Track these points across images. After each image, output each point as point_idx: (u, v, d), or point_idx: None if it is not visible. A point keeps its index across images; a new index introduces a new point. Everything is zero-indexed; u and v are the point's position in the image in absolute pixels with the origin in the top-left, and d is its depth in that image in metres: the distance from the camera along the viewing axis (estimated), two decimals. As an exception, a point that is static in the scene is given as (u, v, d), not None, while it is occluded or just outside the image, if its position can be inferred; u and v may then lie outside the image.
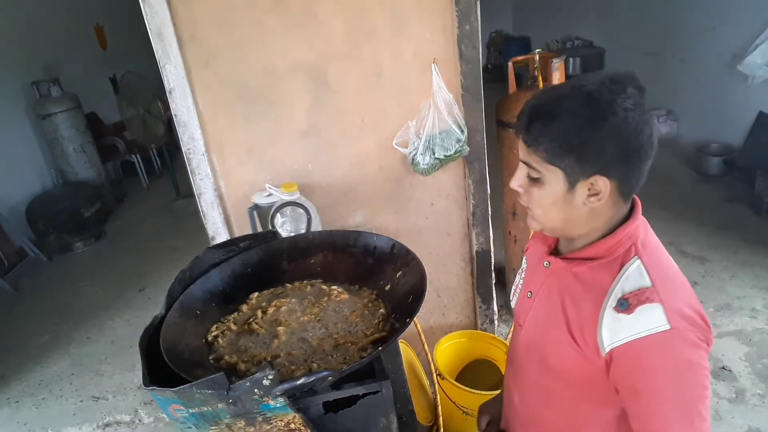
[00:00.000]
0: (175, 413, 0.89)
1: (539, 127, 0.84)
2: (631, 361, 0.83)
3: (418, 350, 2.04)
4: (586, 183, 0.85)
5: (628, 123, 0.80)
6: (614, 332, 0.83)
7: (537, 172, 0.87)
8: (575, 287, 0.91)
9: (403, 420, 1.30)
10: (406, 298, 1.12)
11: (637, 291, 0.83)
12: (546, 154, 0.84)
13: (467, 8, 1.83)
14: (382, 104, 1.94)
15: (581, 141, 0.82)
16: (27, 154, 4.82)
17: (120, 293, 3.75)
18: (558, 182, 0.86)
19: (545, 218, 0.91)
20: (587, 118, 0.81)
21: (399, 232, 2.12)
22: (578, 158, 0.83)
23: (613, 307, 0.84)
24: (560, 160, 0.84)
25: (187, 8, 1.73)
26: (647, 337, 0.81)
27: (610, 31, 6.02)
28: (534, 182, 0.89)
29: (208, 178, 1.93)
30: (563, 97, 0.84)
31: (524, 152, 0.88)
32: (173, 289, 1.16)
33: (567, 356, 0.91)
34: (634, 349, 0.82)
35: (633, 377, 0.84)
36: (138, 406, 2.66)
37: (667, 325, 0.80)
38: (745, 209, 3.72)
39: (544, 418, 1.04)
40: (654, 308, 0.81)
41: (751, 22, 3.85)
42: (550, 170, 0.85)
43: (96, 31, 6.04)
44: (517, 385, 1.10)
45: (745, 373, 2.37)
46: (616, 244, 0.89)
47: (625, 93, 0.81)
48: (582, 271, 0.91)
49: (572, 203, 0.87)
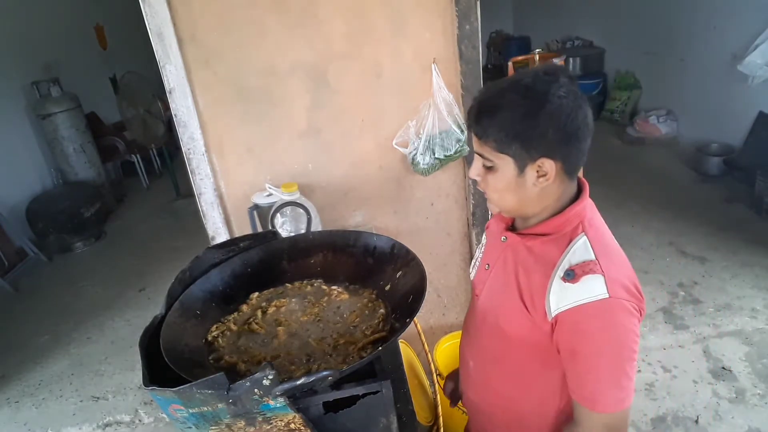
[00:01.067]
0: (175, 413, 0.89)
1: (486, 121, 0.94)
2: (573, 324, 0.93)
3: (418, 350, 2.04)
4: (533, 166, 0.94)
5: (563, 109, 0.90)
6: (560, 299, 0.93)
7: (489, 161, 0.96)
8: (528, 260, 1.02)
9: (403, 420, 1.30)
10: (406, 298, 1.12)
11: (582, 263, 0.94)
12: (495, 143, 0.94)
13: (467, 8, 1.83)
14: (382, 104, 1.94)
15: (524, 129, 0.91)
16: (27, 154, 4.82)
17: (120, 293, 3.75)
18: (509, 168, 0.95)
19: (501, 201, 1.01)
20: (527, 107, 0.90)
21: (399, 232, 2.12)
22: (523, 144, 0.92)
23: (560, 277, 0.94)
24: (508, 147, 0.93)
25: (187, 8, 1.73)
26: (589, 303, 0.91)
27: (610, 31, 6.01)
28: (488, 170, 0.98)
29: (208, 178, 1.93)
30: (504, 91, 0.93)
31: (477, 144, 0.97)
32: (173, 289, 1.16)
33: (518, 322, 1.01)
34: (576, 314, 0.92)
35: (573, 339, 0.94)
36: (138, 406, 2.66)
37: (606, 294, 0.90)
38: (745, 209, 3.72)
39: (496, 381, 1.15)
40: (596, 278, 0.92)
41: (751, 22, 3.85)
42: (500, 158, 0.95)
43: (96, 31, 6.04)
44: (471, 352, 1.22)
45: (745, 373, 2.37)
46: (565, 221, 0.99)
47: (558, 82, 0.91)
48: (534, 245, 1.01)
49: (524, 186, 0.96)
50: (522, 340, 1.03)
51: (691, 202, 3.92)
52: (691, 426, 2.16)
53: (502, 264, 1.08)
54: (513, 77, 0.96)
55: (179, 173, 5.02)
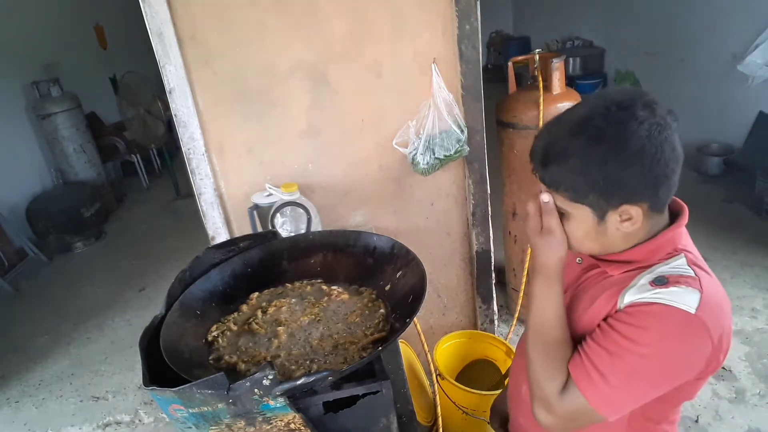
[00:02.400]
0: (175, 413, 0.89)
1: (555, 169, 0.83)
2: (637, 312, 0.80)
3: (418, 350, 2.04)
4: (615, 213, 0.83)
5: (645, 150, 0.78)
6: (638, 294, 0.82)
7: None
8: (609, 285, 0.90)
9: (403, 420, 1.30)
10: (406, 298, 1.12)
11: (679, 275, 0.82)
12: (567, 194, 0.84)
13: (467, 8, 1.83)
14: (382, 104, 1.94)
15: (601, 178, 0.80)
16: (27, 154, 4.82)
17: (120, 293, 3.75)
18: (586, 217, 0.85)
19: (582, 247, 0.91)
20: (601, 154, 0.79)
21: (399, 232, 2.12)
22: (602, 194, 0.81)
23: (649, 281, 0.82)
24: (584, 197, 0.83)
25: (187, 8, 1.73)
26: (668, 305, 0.78)
27: (610, 31, 6.02)
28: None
29: (208, 178, 1.93)
30: (573, 134, 0.81)
31: (546, 190, 0.87)
32: (173, 289, 1.16)
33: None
34: (649, 306, 0.80)
35: (626, 320, 0.81)
36: (138, 406, 2.66)
37: (693, 310, 0.77)
38: (745, 209, 3.72)
39: None
40: (690, 292, 0.79)
41: (751, 22, 3.85)
42: (575, 207, 0.85)
43: (96, 31, 6.04)
44: (525, 375, 1.09)
45: (745, 373, 2.37)
46: (656, 248, 0.87)
47: (636, 118, 0.78)
48: (618, 274, 0.90)
49: (606, 232, 0.86)
50: None
51: (691, 202, 3.84)
52: (691, 426, 2.15)
53: (577, 287, 0.98)
54: (581, 114, 0.82)
55: (179, 173, 5.01)
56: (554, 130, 0.85)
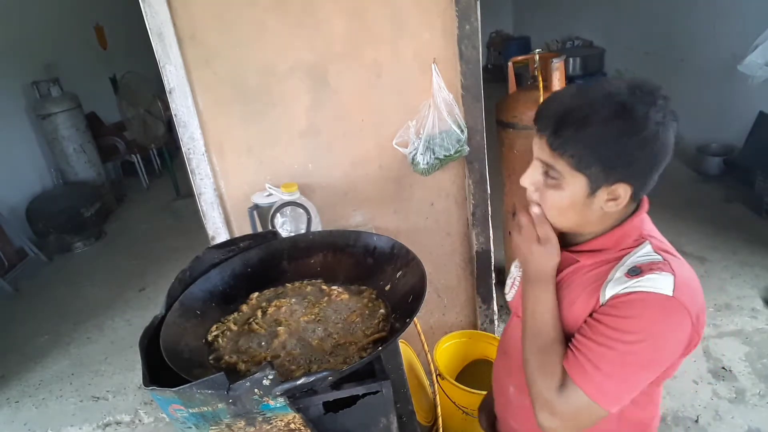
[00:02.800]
0: (175, 413, 0.89)
1: (570, 133, 0.83)
2: (620, 303, 0.84)
3: (418, 350, 2.04)
4: (607, 189, 0.85)
5: (658, 137, 0.82)
6: (617, 287, 0.85)
7: (558, 175, 0.86)
8: (583, 277, 0.93)
9: (403, 420, 1.30)
10: (406, 298, 1.12)
11: (650, 263, 0.85)
12: (572, 160, 0.84)
13: (467, 8, 1.83)
14: (382, 104, 1.94)
15: (612, 151, 0.82)
16: (27, 154, 4.83)
17: (120, 293, 3.75)
18: (579, 187, 0.86)
19: (559, 218, 0.92)
20: (621, 129, 0.81)
21: (399, 232, 2.12)
22: (606, 167, 0.83)
23: (624, 274, 0.86)
24: (587, 167, 0.84)
25: (187, 8, 1.73)
26: (647, 292, 0.82)
27: (610, 31, 6.02)
28: (551, 185, 0.88)
29: (208, 178, 1.93)
30: (595, 103, 0.82)
31: (546, 154, 0.86)
32: (173, 289, 1.16)
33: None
34: (629, 296, 0.83)
35: (610, 312, 0.84)
36: (138, 406, 2.66)
37: (671, 293, 0.81)
38: (745, 209, 3.72)
39: None
40: (664, 276, 0.83)
41: (751, 22, 3.85)
42: (573, 175, 0.85)
43: (96, 31, 6.04)
44: (511, 376, 1.11)
45: (745, 373, 2.37)
46: (623, 234, 0.91)
47: (656, 105, 0.81)
48: (589, 263, 0.93)
49: (590, 207, 0.88)
50: None
51: (691, 202, 3.92)
52: (691, 426, 2.16)
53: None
54: (606, 89, 0.84)
55: (179, 173, 5.02)
56: (576, 98, 0.85)
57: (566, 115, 0.84)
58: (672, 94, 0.86)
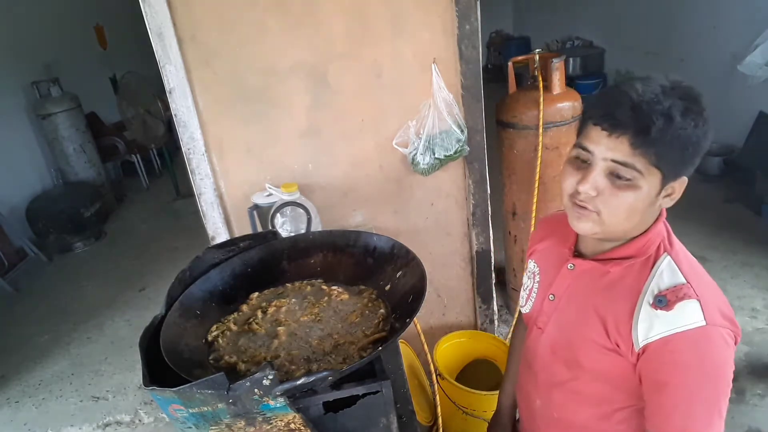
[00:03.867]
0: (175, 413, 0.89)
1: (660, 126, 0.76)
2: (665, 355, 0.82)
3: (418, 350, 2.04)
4: (672, 185, 0.83)
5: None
6: (650, 327, 0.83)
7: (633, 174, 0.79)
8: (607, 289, 0.91)
9: (403, 420, 1.30)
10: (406, 298, 1.12)
11: (673, 288, 0.84)
12: (655, 157, 0.78)
13: (467, 8, 1.83)
14: (382, 104, 1.94)
15: (690, 143, 0.79)
16: (27, 154, 4.82)
17: (120, 293, 3.75)
18: (653, 185, 0.81)
19: (624, 222, 0.85)
20: (696, 119, 0.78)
21: (399, 232, 2.12)
22: (681, 159, 0.80)
23: (650, 304, 0.84)
24: (667, 162, 0.79)
25: (187, 8, 1.73)
26: (685, 332, 0.81)
27: (610, 31, 6.02)
28: (623, 185, 0.81)
29: (208, 178, 1.93)
30: (670, 96, 0.78)
31: (625, 152, 0.79)
32: (173, 289, 1.16)
33: (600, 355, 0.90)
34: (670, 343, 0.81)
35: (664, 370, 0.83)
36: (138, 406, 2.66)
37: (704, 321, 0.80)
38: (745, 209, 3.72)
39: (571, 418, 1.03)
40: (692, 304, 0.81)
41: (751, 22, 3.85)
42: (651, 173, 0.80)
43: (96, 31, 6.04)
44: (537, 389, 1.09)
45: (745, 373, 2.37)
46: (647, 242, 0.89)
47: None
48: (615, 271, 0.91)
49: (653, 205, 0.85)
50: (605, 373, 0.92)
51: (691, 202, 3.89)
52: (691, 426, 2.15)
53: (572, 294, 0.97)
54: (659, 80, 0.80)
55: (179, 173, 5.01)
56: (647, 92, 0.78)
57: (650, 110, 0.77)
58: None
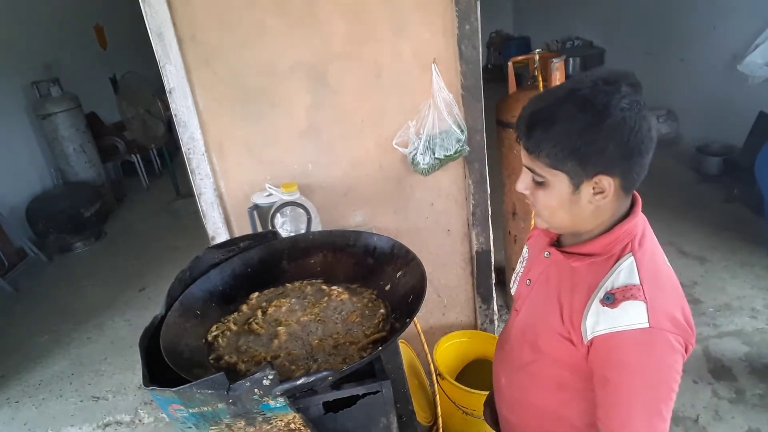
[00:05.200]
0: (175, 413, 0.89)
1: (539, 134, 0.86)
2: (607, 351, 0.87)
3: (418, 350, 2.04)
4: (590, 183, 0.87)
5: (625, 122, 0.82)
6: (596, 322, 0.88)
7: (541, 177, 0.89)
8: (571, 279, 0.95)
9: (403, 420, 1.30)
10: (406, 298, 1.12)
11: (624, 287, 0.87)
12: (548, 159, 0.86)
13: (467, 8, 1.83)
14: (382, 104, 1.94)
15: (581, 144, 0.84)
16: (27, 154, 4.82)
17: (120, 293, 3.75)
18: (563, 185, 0.88)
19: (552, 218, 0.94)
20: (585, 121, 0.83)
21: (399, 232, 2.12)
22: (580, 161, 0.85)
23: (599, 300, 0.88)
24: (563, 164, 0.86)
25: (187, 8, 1.73)
26: (626, 331, 0.85)
27: (610, 31, 6.02)
28: (539, 186, 0.91)
29: (208, 178, 1.93)
30: (560, 102, 0.85)
31: (526, 158, 0.90)
32: (173, 289, 1.16)
33: (557, 342, 0.95)
34: (612, 340, 0.86)
35: (606, 367, 0.88)
36: (138, 406, 2.66)
37: (647, 324, 0.84)
38: (745, 209, 3.72)
39: (531, 400, 1.08)
40: (637, 305, 0.85)
41: (751, 22, 3.85)
42: (553, 174, 0.88)
43: (96, 31, 6.04)
44: (504, 368, 1.15)
45: (745, 373, 2.37)
46: (614, 240, 0.92)
47: (620, 92, 0.83)
48: (580, 265, 0.95)
49: (578, 203, 0.90)
50: (561, 360, 0.97)
51: (691, 202, 3.92)
52: (691, 426, 2.16)
53: (544, 281, 1.03)
54: (568, 86, 0.87)
55: (179, 173, 5.02)
56: (542, 100, 0.88)
57: (533, 118, 0.87)
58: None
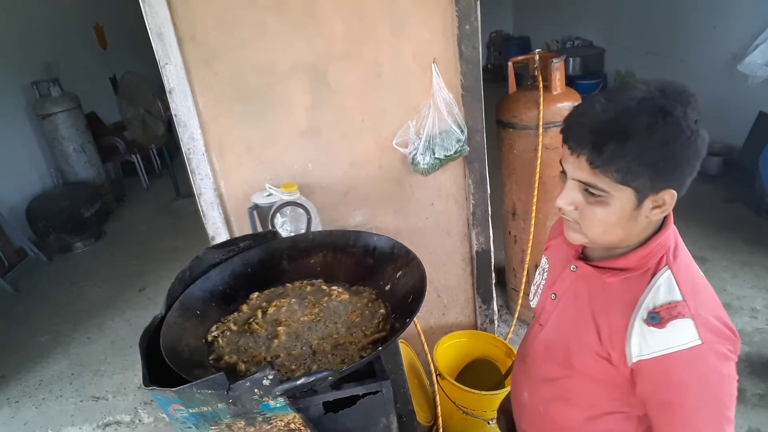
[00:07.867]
0: (175, 413, 0.89)
1: (613, 149, 0.78)
2: (662, 375, 0.83)
3: (418, 350, 2.04)
4: (653, 198, 0.83)
5: (699, 136, 0.79)
6: (643, 344, 0.83)
7: (602, 192, 0.82)
8: (606, 296, 0.91)
9: (403, 420, 1.30)
10: (406, 298, 1.12)
11: (668, 305, 0.83)
12: (619, 174, 0.79)
13: (467, 8, 1.83)
14: (382, 104, 1.94)
15: (659, 159, 0.78)
16: (27, 154, 4.82)
17: (120, 293, 3.75)
18: (626, 201, 0.82)
19: (603, 236, 0.87)
20: (666, 134, 0.77)
21: (399, 232, 2.12)
22: (653, 176, 0.80)
23: (643, 319, 0.84)
24: (634, 179, 0.80)
25: (187, 8, 1.73)
26: (679, 352, 0.81)
27: (610, 31, 6.02)
28: (595, 202, 0.84)
29: (208, 178, 1.93)
30: (633, 112, 0.78)
31: (586, 173, 0.82)
32: (173, 289, 1.16)
33: (593, 361, 0.91)
34: (665, 363, 0.82)
35: (664, 390, 0.84)
36: (138, 406, 2.66)
37: (699, 340, 0.80)
38: (745, 209, 3.72)
39: (554, 415, 1.04)
40: (685, 323, 0.81)
41: (751, 22, 3.85)
42: (619, 190, 0.81)
43: (96, 31, 6.04)
44: (528, 382, 1.10)
45: (745, 373, 2.37)
46: (649, 254, 0.88)
47: (691, 105, 0.78)
48: (614, 281, 0.90)
49: (636, 219, 0.85)
50: (596, 379, 0.93)
51: (691, 202, 3.89)
52: (691, 426, 2.15)
53: (572, 296, 0.98)
54: (632, 94, 0.79)
55: (179, 173, 5.01)
56: (609, 110, 0.80)
57: (604, 130, 0.79)
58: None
